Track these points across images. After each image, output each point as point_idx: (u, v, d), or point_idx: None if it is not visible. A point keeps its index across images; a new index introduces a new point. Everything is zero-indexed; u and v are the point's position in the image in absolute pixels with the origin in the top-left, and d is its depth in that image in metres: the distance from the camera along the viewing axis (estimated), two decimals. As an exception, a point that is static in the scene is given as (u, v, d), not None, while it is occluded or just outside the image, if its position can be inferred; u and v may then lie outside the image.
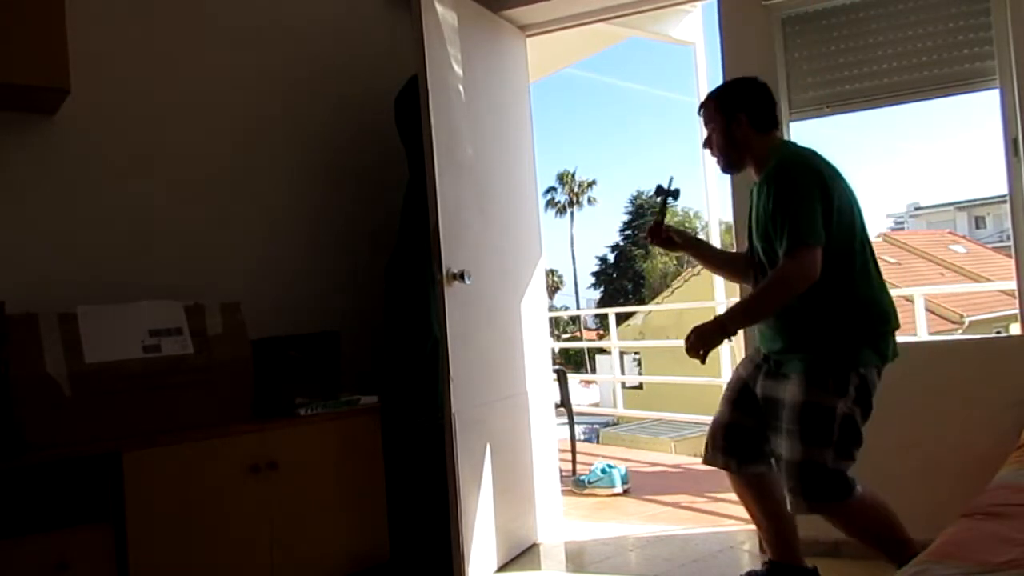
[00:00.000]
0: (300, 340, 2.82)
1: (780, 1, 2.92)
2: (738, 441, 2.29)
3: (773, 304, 2.10)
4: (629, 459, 5.10)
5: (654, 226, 2.43)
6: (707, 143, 2.32)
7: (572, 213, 40.28)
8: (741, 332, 3.37)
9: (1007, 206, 2.71)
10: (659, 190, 2.50)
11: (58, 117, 2.58)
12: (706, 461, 2.41)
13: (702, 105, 2.31)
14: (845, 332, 2.09)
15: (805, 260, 2.01)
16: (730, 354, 5.21)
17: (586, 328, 32.51)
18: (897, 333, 2.19)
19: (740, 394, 2.31)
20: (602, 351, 23.24)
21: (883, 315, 2.14)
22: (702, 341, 2.11)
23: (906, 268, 16.43)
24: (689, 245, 2.52)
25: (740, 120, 2.21)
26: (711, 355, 2.15)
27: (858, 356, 2.08)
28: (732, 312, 2.18)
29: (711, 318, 2.15)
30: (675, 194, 2.45)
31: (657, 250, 37.66)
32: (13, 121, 2.52)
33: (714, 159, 2.35)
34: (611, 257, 41.11)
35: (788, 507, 2.15)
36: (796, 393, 2.09)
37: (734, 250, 2.78)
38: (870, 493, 2.11)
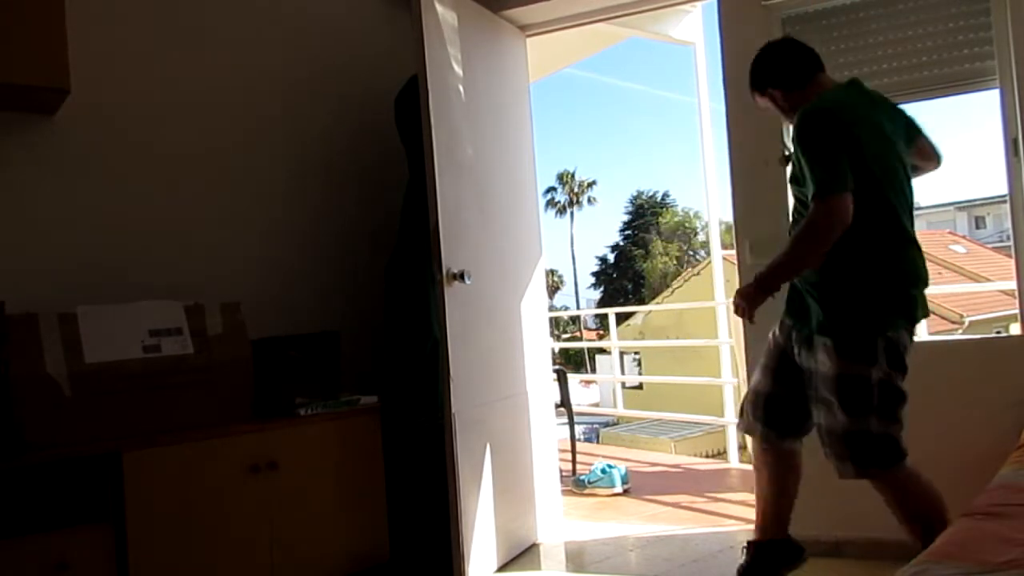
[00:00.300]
0: (300, 340, 2.82)
1: (780, 1, 2.92)
2: (778, 413, 2.29)
3: (806, 254, 2.07)
4: (629, 459, 5.10)
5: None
6: (765, 111, 2.41)
7: (572, 213, 40.32)
8: (740, 334, 3.39)
9: (1007, 206, 2.71)
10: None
11: (58, 117, 2.58)
12: (744, 429, 2.41)
13: (750, 93, 2.38)
14: (870, 297, 2.09)
15: (832, 206, 2.00)
16: (730, 353, 5.20)
17: (586, 328, 32.51)
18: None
19: (779, 363, 2.29)
20: (602, 351, 23.25)
21: (910, 275, 2.13)
22: (747, 302, 2.14)
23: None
24: None
25: (775, 95, 2.29)
26: (710, 355, 2.16)
27: (883, 321, 2.08)
28: (769, 267, 2.14)
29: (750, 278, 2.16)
30: None
31: (657, 250, 37.95)
32: (13, 121, 2.52)
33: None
34: (611, 257, 41.12)
35: (836, 471, 2.13)
36: (828, 365, 2.10)
37: (734, 251, 2.79)
38: (923, 474, 2.10)
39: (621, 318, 21.79)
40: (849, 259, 2.07)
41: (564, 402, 4.44)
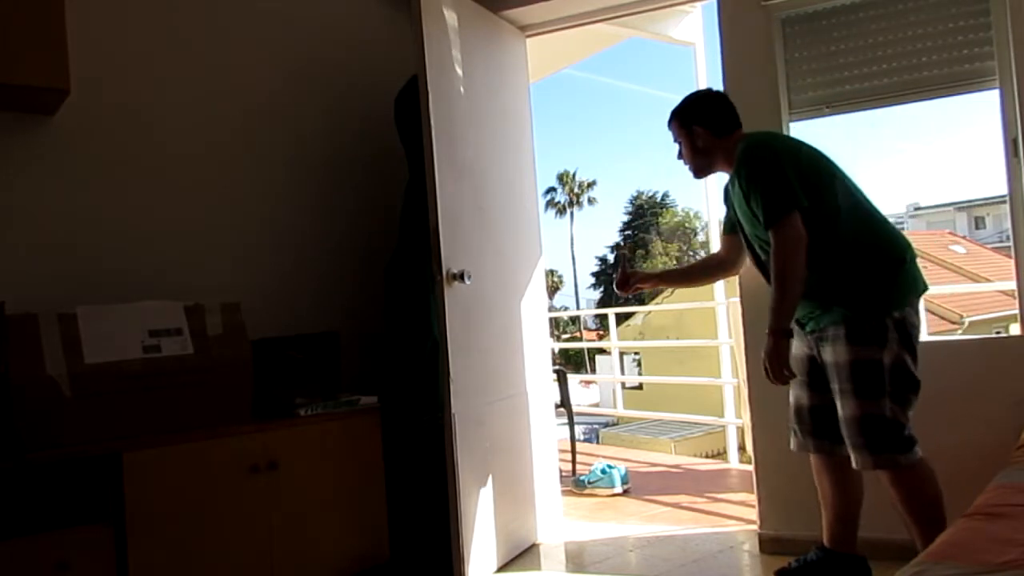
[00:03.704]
0: (300, 340, 2.82)
1: (780, 1, 2.91)
2: (825, 421, 2.32)
3: (792, 282, 2.14)
4: (629, 459, 5.10)
5: (620, 280, 2.71)
6: (679, 155, 2.52)
7: (572, 213, 40.34)
8: (740, 334, 3.39)
9: (1007, 206, 2.71)
10: (617, 258, 2.65)
11: (58, 117, 2.58)
12: (797, 447, 2.44)
13: (669, 123, 2.51)
14: (869, 276, 2.17)
15: (788, 226, 2.13)
16: (730, 354, 5.20)
17: (586, 328, 32.50)
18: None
19: (811, 373, 2.34)
20: (602, 351, 23.25)
21: (895, 246, 2.22)
22: (776, 358, 2.17)
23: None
24: (656, 278, 2.93)
25: (698, 132, 2.42)
26: (710, 355, 2.19)
27: (889, 300, 2.16)
28: (773, 316, 2.18)
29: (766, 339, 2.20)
30: (630, 262, 2.67)
31: (657, 250, 37.98)
32: (13, 121, 2.52)
33: (688, 167, 2.53)
34: (611, 257, 41.08)
35: (854, 465, 2.19)
36: (841, 353, 2.17)
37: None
38: (930, 467, 2.16)
39: (621, 318, 21.78)
40: (840, 250, 2.16)
41: (564, 402, 4.44)
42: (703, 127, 2.41)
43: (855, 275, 2.17)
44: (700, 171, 2.51)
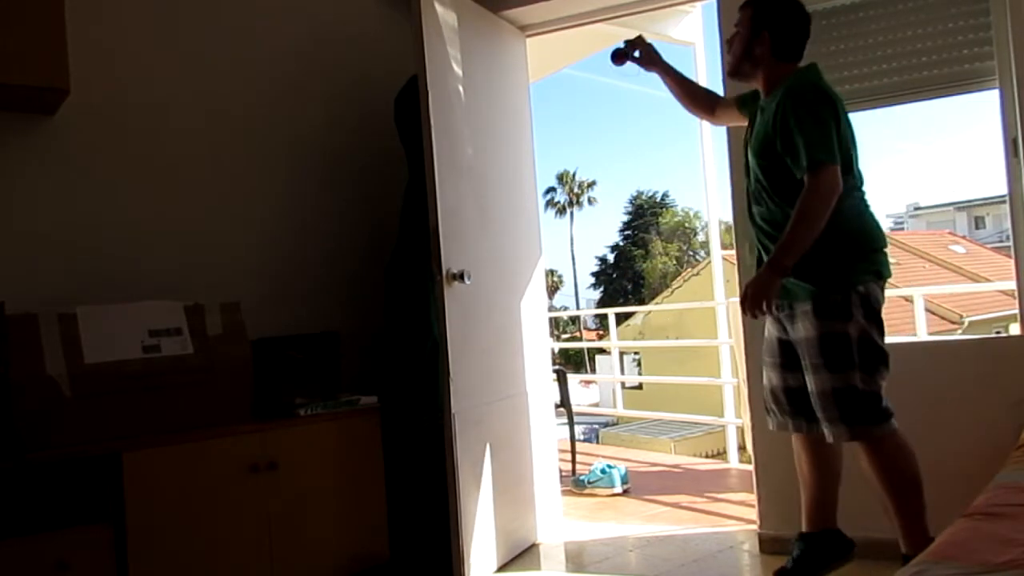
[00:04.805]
0: (300, 340, 2.82)
1: (780, 1, 2.91)
2: (800, 401, 2.31)
3: (814, 227, 2.09)
4: (629, 459, 5.10)
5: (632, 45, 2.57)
6: (729, 41, 2.36)
7: (572, 213, 40.33)
8: (740, 334, 3.39)
9: (1007, 206, 2.71)
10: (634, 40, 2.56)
11: (58, 117, 2.58)
12: (777, 427, 2.42)
13: (741, 7, 2.33)
14: (838, 256, 2.16)
15: (829, 175, 2.07)
16: (730, 353, 5.20)
17: (586, 328, 32.50)
18: (897, 333, 2.21)
19: (784, 354, 2.34)
20: (602, 351, 23.25)
21: (873, 234, 2.23)
22: (764, 291, 2.13)
23: (905, 268, 16.43)
24: (658, 63, 2.67)
25: (763, 38, 2.24)
26: (710, 355, 2.17)
27: (853, 275, 2.16)
28: (781, 249, 2.13)
29: (760, 270, 2.18)
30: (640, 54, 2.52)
31: (657, 250, 37.91)
32: (13, 121, 2.52)
33: (728, 58, 2.38)
34: (611, 257, 41.12)
35: (827, 438, 2.19)
36: (810, 328, 2.18)
37: (734, 251, 2.80)
38: (905, 438, 2.16)
39: (621, 318, 21.79)
40: (834, 225, 2.12)
41: (564, 402, 4.44)
42: (772, 36, 2.23)
43: (832, 251, 2.14)
44: (738, 72, 2.33)
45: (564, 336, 31.18)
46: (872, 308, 2.17)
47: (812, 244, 2.10)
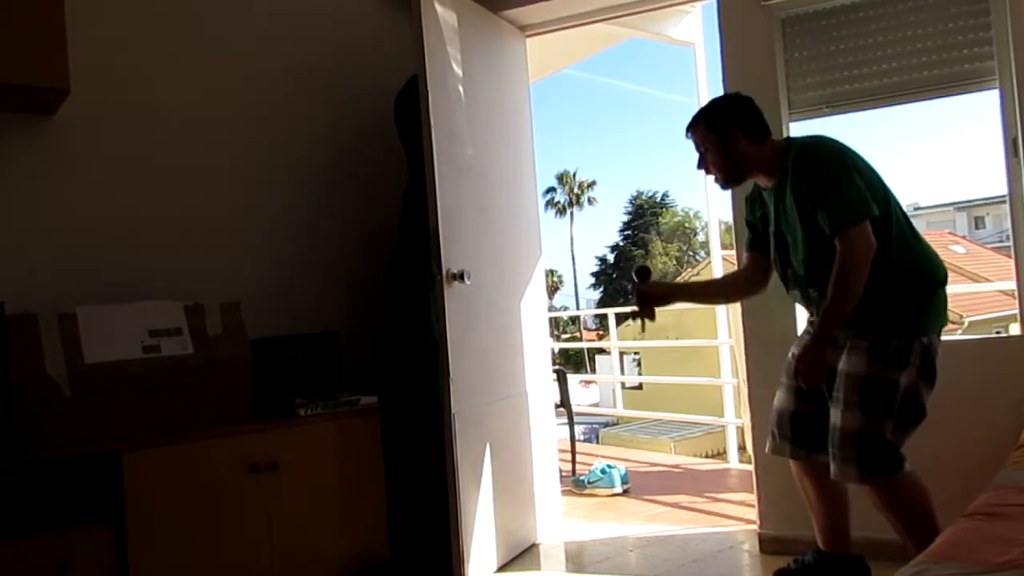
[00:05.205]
0: (300, 340, 2.82)
1: (780, 1, 2.91)
2: (805, 429, 2.29)
3: (855, 291, 2.05)
4: (629, 459, 5.10)
5: (641, 296, 2.43)
6: (701, 164, 2.34)
7: (572, 213, 40.38)
8: (740, 334, 3.39)
9: (1007, 206, 2.71)
10: (637, 272, 2.49)
11: (58, 117, 2.58)
12: (773, 451, 2.40)
13: (689, 128, 2.32)
14: (904, 299, 2.11)
15: (855, 236, 2.03)
16: (730, 354, 5.20)
17: (586, 328, 32.50)
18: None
19: None
20: (602, 351, 23.23)
21: (936, 269, 2.17)
22: (815, 364, 2.13)
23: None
24: (675, 294, 2.67)
25: (735, 136, 2.24)
26: (710, 355, 2.16)
27: (921, 323, 2.11)
28: (824, 322, 2.12)
29: (809, 342, 2.15)
30: (645, 274, 2.48)
31: (657, 250, 37.96)
32: (13, 121, 2.52)
33: (711, 177, 2.36)
34: (611, 257, 41.15)
35: (832, 475, 2.14)
36: (858, 365, 2.10)
37: (734, 251, 2.78)
38: (918, 476, 2.12)
39: (621, 318, 21.77)
40: (885, 267, 2.07)
41: (564, 402, 4.44)
42: (741, 130, 2.23)
43: (893, 295, 2.10)
44: (734, 179, 2.31)
45: (564, 336, 31.19)
46: (930, 362, 2.10)
47: (868, 295, 2.05)
